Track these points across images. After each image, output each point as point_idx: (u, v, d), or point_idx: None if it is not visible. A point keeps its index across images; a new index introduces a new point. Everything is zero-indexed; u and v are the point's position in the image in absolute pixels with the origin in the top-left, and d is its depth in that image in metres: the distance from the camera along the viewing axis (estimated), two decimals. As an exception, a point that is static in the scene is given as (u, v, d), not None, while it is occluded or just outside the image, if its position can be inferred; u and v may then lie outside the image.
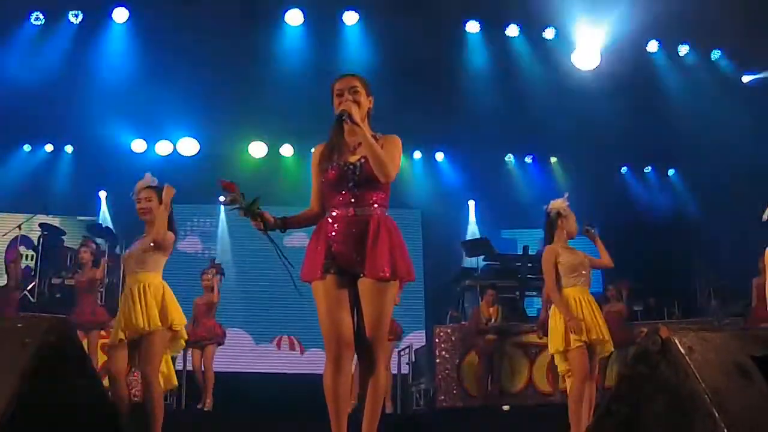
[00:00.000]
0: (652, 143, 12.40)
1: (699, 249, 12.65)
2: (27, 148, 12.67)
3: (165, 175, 4.85)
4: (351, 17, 11.33)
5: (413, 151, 13.55)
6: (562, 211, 5.28)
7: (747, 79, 11.91)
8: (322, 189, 3.34)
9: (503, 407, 8.64)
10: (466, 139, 12.47)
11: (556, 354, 5.16)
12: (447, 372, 8.90)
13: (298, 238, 11.97)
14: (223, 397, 8.28)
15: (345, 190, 3.25)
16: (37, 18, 10.78)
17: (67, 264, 10.28)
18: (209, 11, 10.51)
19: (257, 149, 12.94)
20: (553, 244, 5.26)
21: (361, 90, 3.35)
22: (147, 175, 4.70)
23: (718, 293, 11.14)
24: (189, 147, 12.63)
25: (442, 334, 9.07)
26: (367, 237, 3.18)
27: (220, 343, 8.32)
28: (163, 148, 12.66)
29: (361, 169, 3.23)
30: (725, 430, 1.97)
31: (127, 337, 4.42)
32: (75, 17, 10.85)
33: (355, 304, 3.23)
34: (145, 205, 4.58)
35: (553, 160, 13.81)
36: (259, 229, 3.25)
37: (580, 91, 11.67)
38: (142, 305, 4.39)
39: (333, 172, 3.26)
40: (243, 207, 3.18)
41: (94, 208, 12.82)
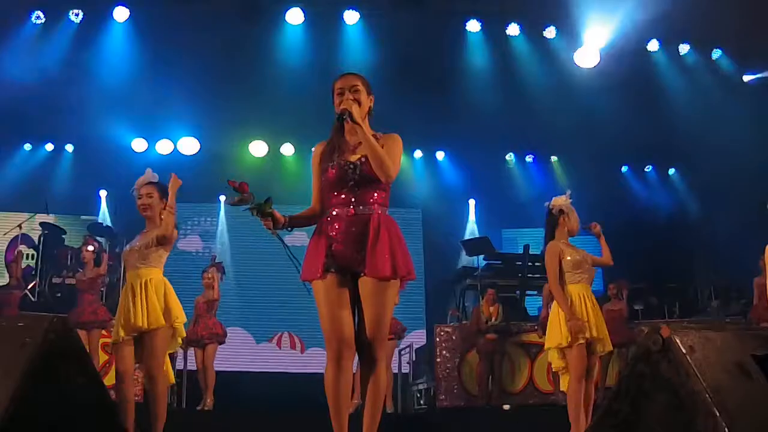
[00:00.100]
0: (652, 142, 12.38)
1: (699, 248, 12.65)
2: (27, 147, 12.66)
3: (165, 175, 4.84)
4: (351, 16, 11.31)
5: (414, 150, 13.53)
6: (565, 208, 5.24)
7: (748, 78, 11.90)
8: (323, 188, 3.34)
9: (504, 407, 8.64)
10: (466, 138, 12.46)
11: (553, 350, 5.11)
12: (448, 371, 8.89)
13: (299, 237, 11.98)
14: (223, 397, 8.27)
15: (345, 190, 3.24)
16: (37, 17, 10.78)
17: (68, 263, 10.28)
18: (210, 10, 10.51)
19: (258, 148, 12.93)
20: (557, 242, 5.20)
21: (361, 89, 3.34)
22: (148, 170, 4.69)
23: (718, 292, 11.13)
24: (189, 146, 12.62)
25: (443, 334, 9.05)
26: (367, 236, 3.17)
27: (221, 342, 8.31)
28: (164, 147, 12.66)
29: (362, 168, 3.23)
30: (726, 429, 1.97)
31: (127, 334, 4.41)
32: (75, 16, 10.85)
33: (355, 303, 3.22)
34: (146, 201, 4.57)
35: (553, 159, 13.80)
36: (268, 228, 3.23)
37: (580, 91, 11.67)
38: (142, 301, 4.37)
39: (333, 172, 3.26)
40: (256, 207, 3.16)
41: (94, 207, 12.81)
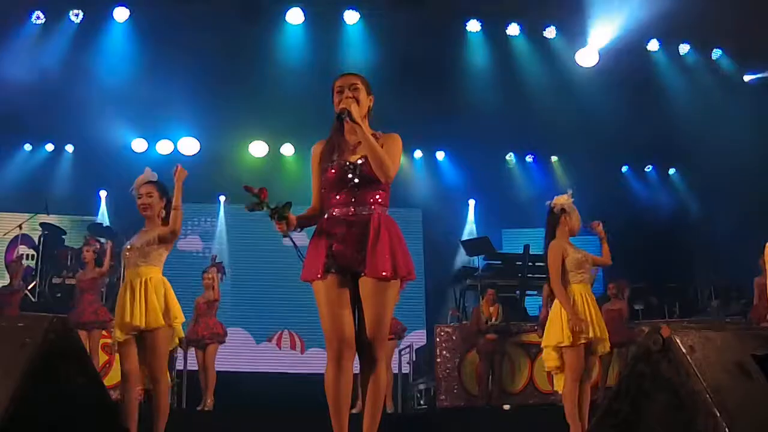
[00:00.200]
0: (652, 142, 12.37)
1: (700, 248, 12.64)
2: (28, 147, 12.65)
3: (165, 175, 4.84)
4: (352, 16, 11.31)
5: (414, 150, 13.52)
6: (566, 207, 5.21)
7: (748, 78, 11.90)
8: (322, 188, 3.33)
9: (504, 407, 8.63)
10: (466, 138, 12.44)
11: (551, 348, 5.07)
12: (448, 371, 8.88)
13: (299, 237, 11.95)
14: (223, 397, 8.27)
15: (345, 190, 3.23)
16: (37, 17, 10.78)
17: (68, 263, 10.27)
18: (210, 10, 10.50)
19: (258, 148, 12.93)
20: (560, 240, 5.17)
21: (361, 88, 3.33)
22: (147, 170, 4.67)
23: (718, 292, 11.13)
24: (189, 146, 12.61)
25: (443, 334, 9.05)
26: (367, 236, 3.17)
27: (222, 342, 8.31)
28: (164, 147, 12.65)
29: (362, 168, 3.22)
30: (726, 429, 1.97)
31: (125, 334, 4.39)
32: (75, 16, 10.85)
33: (355, 303, 3.22)
34: (146, 200, 4.56)
35: (553, 159, 13.79)
36: (281, 231, 3.22)
37: (580, 91, 11.67)
38: (141, 300, 4.35)
39: (333, 172, 3.25)
40: (277, 211, 3.14)
41: (94, 207, 12.81)
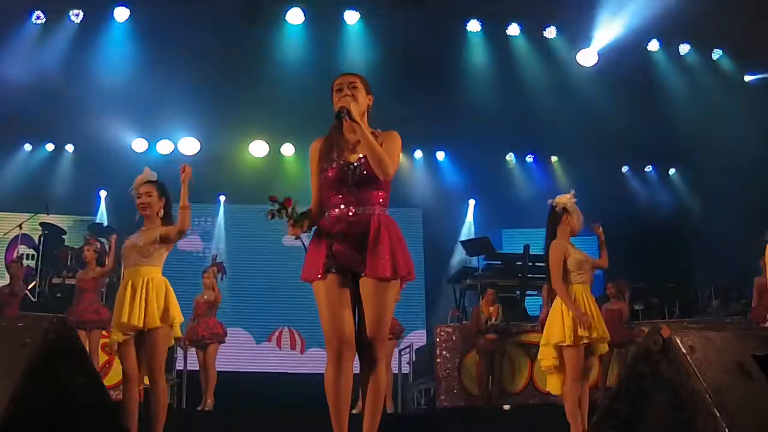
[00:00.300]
0: (652, 142, 12.36)
1: (700, 248, 12.64)
2: (28, 147, 12.65)
3: (166, 175, 4.83)
4: (352, 16, 11.32)
5: (414, 151, 13.53)
6: (568, 206, 5.20)
7: (749, 78, 11.89)
8: (322, 187, 3.32)
9: (504, 407, 8.63)
10: (466, 138, 12.44)
11: (550, 347, 5.06)
12: (448, 371, 8.88)
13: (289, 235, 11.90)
14: (223, 397, 8.27)
15: (345, 190, 3.23)
16: (37, 17, 10.78)
17: (68, 263, 10.26)
18: (210, 10, 10.50)
19: (258, 148, 12.93)
20: (561, 240, 5.16)
21: (359, 86, 3.33)
22: (146, 169, 4.67)
23: (718, 292, 11.12)
24: (190, 146, 12.61)
25: (443, 334, 9.04)
26: (367, 236, 3.17)
27: (222, 341, 8.31)
28: (164, 147, 12.65)
29: (361, 168, 3.22)
30: (726, 429, 1.97)
31: (124, 333, 4.39)
32: (75, 16, 10.84)
33: (356, 303, 3.21)
34: (145, 200, 4.56)
35: (554, 159, 13.79)
36: (294, 235, 3.22)
37: (581, 91, 11.66)
38: (141, 300, 4.35)
39: (333, 172, 3.24)
40: (296, 219, 3.16)
41: (94, 207, 12.82)
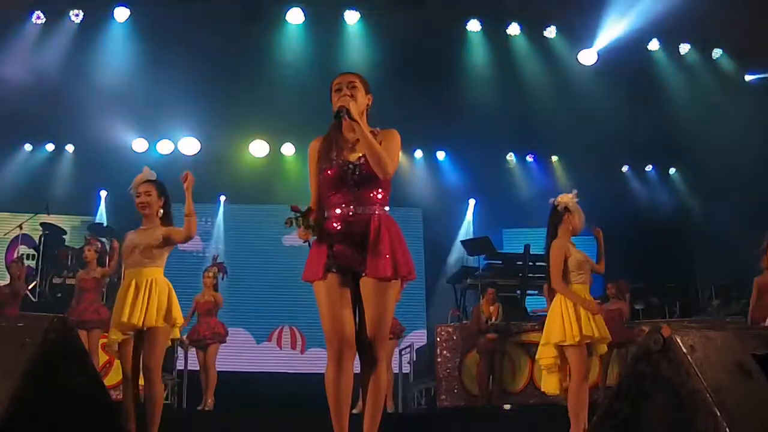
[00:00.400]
0: (653, 142, 12.36)
1: (700, 248, 12.63)
2: (28, 147, 12.66)
3: (166, 175, 4.83)
4: (352, 16, 11.32)
5: (414, 150, 13.53)
6: (570, 206, 5.19)
7: (749, 78, 11.88)
8: (321, 187, 3.31)
9: (504, 406, 8.63)
10: (467, 138, 12.44)
11: (550, 346, 5.04)
12: (448, 371, 8.88)
13: (294, 237, 11.93)
14: (223, 397, 8.27)
15: (345, 189, 3.23)
16: (37, 17, 10.78)
17: (68, 263, 10.26)
18: (210, 10, 10.50)
19: (258, 148, 12.93)
20: (562, 239, 5.15)
21: (359, 86, 3.33)
22: (145, 168, 4.67)
23: (719, 292, 11.12)
24: (190, 146, 12.62)
25: (444, 334, 9.04)
26: (368, 236, 3.17)
27: (223, 341, 8.31)
28: (164, 147, 12.66)
29: (361, 168, 3.21)
30: (726, 429, 1.97)
31: (123, 333, 4.39)
32: (75, 16, 10.85)
33: (356, 303, 3.21)
34: (145, 199, 4.56)
35: (554, 159, 13.79)
36: (303, 238, 3.23)
37: (581, 90, 11.67)
38: (143, 300, 4.35)
39: (332, 171, 3.24)
40: (311, 227, 3.17)
41: (94, 207, 12.83)
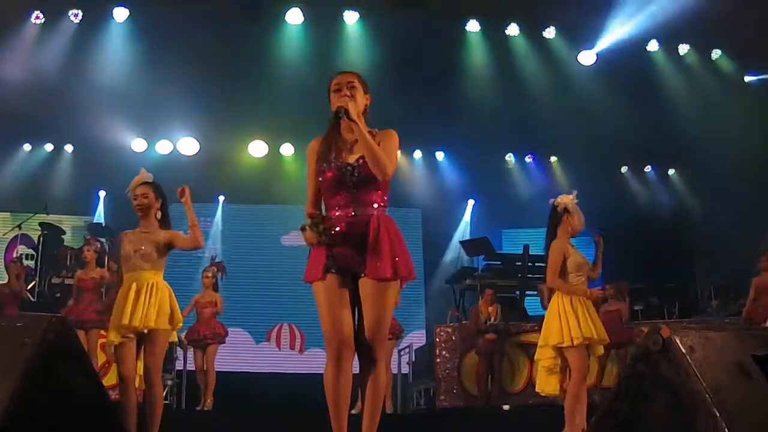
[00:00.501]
0: (652, 142, 12.36)
1: (700, 248, 12.64)
2: (27, 147, 12.65)
3: (165, 175, 4.83)
4: (351, 16, 11.33)
5: (413, 151, 13.53)
6: (570, 207, 5.20)
7: (749, 78, 11.89)
8: (320, 188, 3.31)
9: (503, 407, 8.63)
10: (466, 139, 12.44)
11: (548, 348, 5.05)
12: (447, 371, 8.87)
13: (298, 237, 11.92)
14: (223, 397, 8.27)
15: (344, 191, 3.22)
16: (37, 17, 10.77)
17: (68, 263, 10.25)
18: (209, 10, 10.49)
19: (257, 148, 12.92)
20: (562, 240, 5.16)
21: (357, 86, 3.32)
22: (142, 170, 4.66)
23: (718, 293, 11.12)
24: (189, 146, 12.62)
25: (443, 334, 9.03)
26: (367, 237, 3.16)
27: (222, 342, 8.31)
28: (163, 147, 12.66)
29: (360, 170, 3.20)
30: (726, 429, 1.97)
31: (123, 335, 4.39)
32: (75, 16, 10.84)
33: (355, 303, 3.21)
34: (142, 201, 4.55)
35: (553, 159, 13.79)
36: (310, 242, 3.23)
37: (580, 91, 11.67)
38: (145, 303, 4.35)
39: (331, 173, 3.23)
40: (321, 233, 3.17)
41: (94, 207, 12.82)
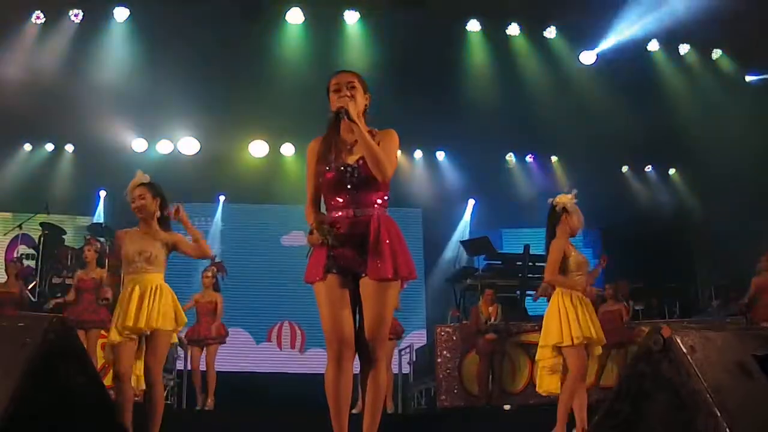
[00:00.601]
0: (653, 143, 12.36)
1: (700, 248, 12.63)
2: (28, 147, 12.66)
3: (165, 175, 4.83)
4: (351, 16, 11.33)
5: (414, 150, 13.53)
6: (568, 206, 5.20)
7: (750, 78, 11.89)
8: (321, 189, 3.31)
9: (504, 407, 8.62)
10: (466, 138, 12.44)
11: (548, 348, 5.05)
12: (448, 371, 8.87)
13: (298, 237, 11.97)
14: (223, 397, 8.28)
15: (344, 192, 3.22)
16: (37, 17, 10.78)
17: (68, 263, 10.25)
18: (210, 10, 10.50)
19: (258, 148, 12.92)
20: (561, 239, 5.16)
21: (357, 86, 3.30)
22: (138, 172, 4.68)
23: (719, 293, 11.12)
24: (189, 146, 12.62)
25: (444, 334, 9.03)
26: (368, 238, 3.16)
27: (223, 342, 8.31)
28: (164, 147, 12.66)
29: (360, 171, 3.20)
30: (727, 429, 1.97)
31: (125, 336, 4.40)
32: (75, 16, 10.84)
33: (356, 303, 3.21)
34: (139, 202, 4.57)
35: (554, 159, 13.79)
36: (313, 243, 3.22)
37: (580, 90, 11.67)
38: (150, 304, 4.37)
39: (331, 175, 3.23)
40: (327, 235, 3.15)
41: (94, 207, 12.83)
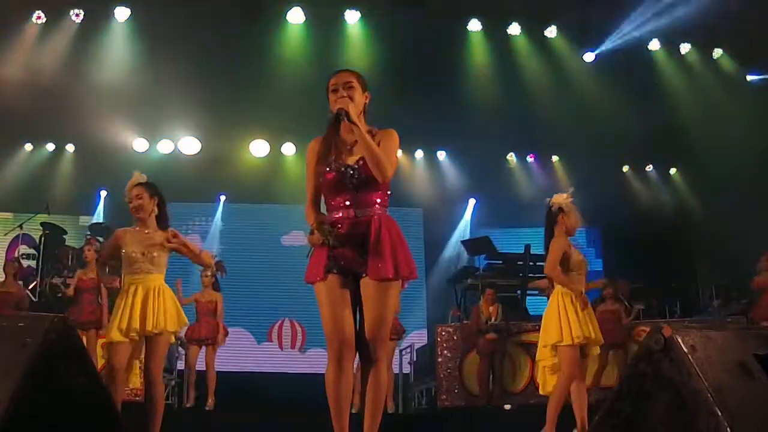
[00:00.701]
0: (653, 142, 12.36)
1: (701, 248, 12.63)
2: (28, 147, 12.67)
3: (166, 174, 4.84)
4: (352, 16, 11.33)
5: (415, 150, 13.53)
6: (565, 206, 5.22)
7: (751, 78, 11.88)
8: (321, 190, 3.31)
9: (505, 406, 8.62)
10: (467, 138, 12.44)
11: (548, 348, 5.06)
12: (449, 371, 8.87)
13: (297, 237, 11.97)
14: (223, 397, 8.28)
15: (344, 192, 3.22)
16: (38, 17, 10.78)
17: (69, 263, 10.25)
18: (210, 10, 10.50)
19: (259, 148, 12.92)
20: (561, 239, 5.17)
21: (356, 86, 3.29)
22: (135, 173, 4.72)
23: (719, 292, 11.11)
24: (190, 145, 12.62)
25: (444, 334, 9.03)
26: (368, 238, 3.16)
27: (222, 343, 8.30)
28: (165, 146, 12.66)
29: (360, 171, 3.20)
30: (728, 428, 1.97)
31: (125, 336, 4.40)
32: (76, 16, 10.84)
33: (357, 303, 3.21)
34: (137, 202, 4.59)
35: (554, 158, 13.79)
36: (313, 243, 3.22)
37: (581, 90, 11.66)
38: (154, 305, 4.38)
39: (331, 175, 3.23)
40: (327, 236, 3.15)
41: (95, 207, 12.83)
